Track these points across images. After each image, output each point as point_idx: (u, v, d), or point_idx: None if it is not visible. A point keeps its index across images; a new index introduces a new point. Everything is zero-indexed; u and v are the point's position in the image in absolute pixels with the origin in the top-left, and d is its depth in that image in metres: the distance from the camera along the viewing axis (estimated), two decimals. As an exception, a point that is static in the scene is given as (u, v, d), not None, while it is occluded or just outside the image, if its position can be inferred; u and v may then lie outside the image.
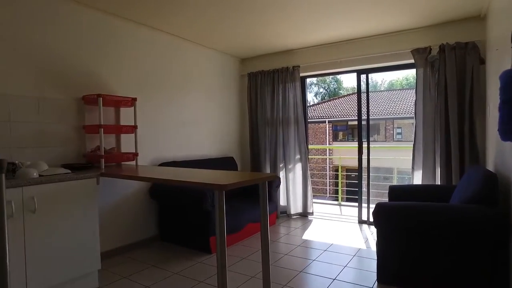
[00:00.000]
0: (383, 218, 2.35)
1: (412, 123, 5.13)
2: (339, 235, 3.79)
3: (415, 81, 3.74)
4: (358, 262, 2.97)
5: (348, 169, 11.52)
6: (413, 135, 3.75)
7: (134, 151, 3.18)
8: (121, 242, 3.26)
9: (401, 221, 2.29)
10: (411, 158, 3.72)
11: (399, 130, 16.10)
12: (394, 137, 15.83)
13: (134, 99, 3.12)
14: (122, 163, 3.24)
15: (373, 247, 3.30)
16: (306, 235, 3.79)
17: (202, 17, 3.34)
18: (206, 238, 3.21)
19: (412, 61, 3.69)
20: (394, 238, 2.35)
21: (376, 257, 2.47)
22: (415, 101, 3.72)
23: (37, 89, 2.68)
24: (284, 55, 4.66)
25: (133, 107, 3.17)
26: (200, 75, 4.29)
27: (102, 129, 2.83)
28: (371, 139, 4.81)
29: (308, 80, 5.14)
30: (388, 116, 15.12)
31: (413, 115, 3.85)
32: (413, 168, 3.71)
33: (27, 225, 2.14)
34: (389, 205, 2.40)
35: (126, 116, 3.34)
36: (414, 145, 3.70)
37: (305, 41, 4.20)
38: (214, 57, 4.53)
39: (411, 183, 3.75)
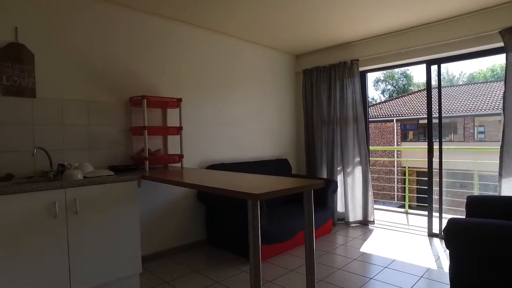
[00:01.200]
0: (457, 239, 1.89)
1: (499, 121, 4.34)
2: (404, 249, 3.30)
3: (503, 71, 3.08)
4: (426, 286, 2.50)
5: (419, 173, 10.43)
6: (500, 135, 3.10)
7: (180, 153, 3.12)
8: (167, 245, 3.22)
9: (483, 245, 1.82)
10: (498, 162, 3.08)
11: (481, 129, 14.12)
12: (475, 137, 13.95)
13: (179, 100, 3.06)
14: (169, 165, 3.20)
15: (446, 269, 2.78)
16: (365, 247, 3.37)
17: (254, 14, 3.16)
18: (252, 246, 3.01)
19: (501, 44, 3.05)
20: (472, 264, 1.88)
21: (449, 283, 2.01)
22: (504, 93, 3.07)
23: (87, 93, 2.74)
24: (341, 48, 4.26)
25: (178, 108, 3.11)
26: (252, 74, 4.12)
27: (146, 130, 2.81)
28: (446, 139, 4.15)
29: (374, 76, 4.69)
30: (467, 113, 13.37)
31: (500, 111, 3.19)
32: (500, 174, 3.06)
33: (70, 226, 2.16)
34: (465, 222, 1.93)
35: (174, 117, 3.30)
36: (502, 146, 3.05)
37: (363, 31, 3.77)
38: (267, 54, 4.32)
39: (497, 193, 3.11)
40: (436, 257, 3.07)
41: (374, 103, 17.69)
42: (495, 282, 1.78)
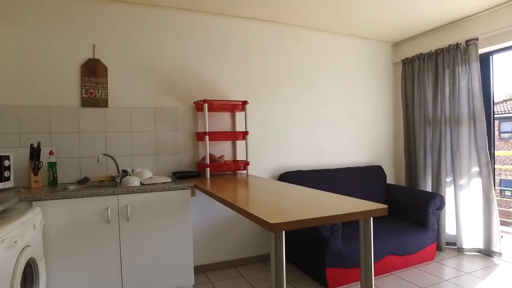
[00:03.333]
0: None
1: None
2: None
3: None
4: None
5: None
6: None
7: (245, 160, 2.94)
8: (230, 257, 3.06)
9: None
10: None
11: None
12: None
13: (245, 102, 2.87)
14: (238, 172, 3.06)
15: None
16: (480, 290, 2.53)
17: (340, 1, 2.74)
18: (322, 269, 2.60)
19: None
20: None
21: None
22: None
23: (154, 99, 2.83)
24: (452, 27, 3.35)
25: (244, 112, 2.93)
26: (338, 68, 3.63)
27: (207, 136, 2.72)
28: None
29: (501, 60, 3.52)
30: None
31: None
32: None
33: (122, 232, 2.22)
34: None
35: (243, 121, 3.15)
36: None
37: (483, 1, 2.84)
38: (357, 45, 3.75)
39: None
40: None
41: (506, 98, 13.56)
42: None
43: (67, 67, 2.57)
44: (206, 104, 2.72)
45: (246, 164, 2.91)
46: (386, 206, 1.52)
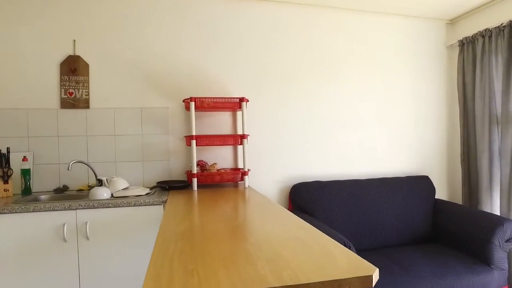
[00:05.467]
0: None
1: None
2: None
3: None
4: None
5: None
6: None
7: (242, 168, 2.46)
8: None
9: None
10: None
11: None
12: None
13: (242, 100, 2.39)
14: (238, 182, 2.59)
15: None
16: None
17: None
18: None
19: None
20: None
21: None
22: None
23: (141, 99, 2.51)
24: (532, -10, 2.45)
25: (241, 111, 2.45)
26: (372, 56, 2.93)
27: (194, 140, 2.31)
28: None
29: None
30: None
31: None
32: None
33: (81, 253, 1.92)
34: None
35: (252, 121, 2.68)
36: None
37: None
38: (399, 25, 2.99)
39: None
40: None
41: None
42: None
43: (45, 65, 2.37)
44: (193, 103, 2.31)
45: (244, 174, 2.42)
46: (370, 273, 0.92)
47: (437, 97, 3.11)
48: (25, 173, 2.24)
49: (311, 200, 2.57)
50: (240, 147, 2.68)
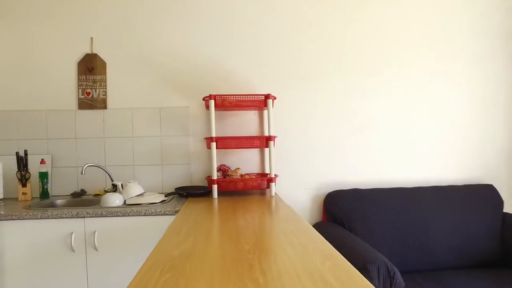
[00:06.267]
0: None
1: None
2: None
3: None
4: None
5: None
6: None
7: (269, 174, 2.18)
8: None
9: None
10: None
11: None
12: None
13: (268, 97, 2.12)
14: (265, 189, 2.33)
15: None
16: None
17: None
18: None
19: None
20: None
21: None
22: None
23: (160, 98, 2.33)
24: None
25: (267, 109, 2.18)
26: (421, 46, 2.50)
27: (214, 143, 2.08)
28: None
29: None
30: None
31: None
32: None
33: (89, 264, 1.76)
34: None
35: (281, 120, 2.40)
36: None
37: None
38: (453, 6, 2.55)
39: None
40: None
41: None
42: None
43: (63, 64, 2.28)
44: (213, 101, 2.08)
45: (270, 180, 2.15)
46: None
47: (505, 89, 2.59)
48: (43, 176, 2.15)
49: (348, 211, 2.23)
50: (267, 150, 2.41)
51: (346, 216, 2.22)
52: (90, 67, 2.27)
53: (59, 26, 2.28)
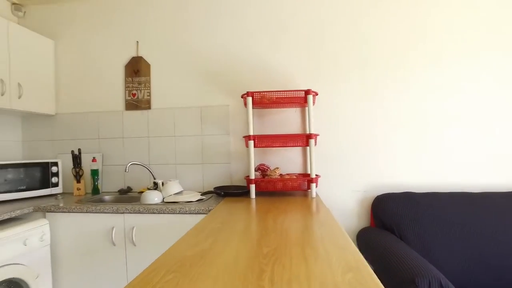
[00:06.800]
0: None
1: None
2: None
3: None
4: None
5: None
6: None
7: (310, 174, 2.05)
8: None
9: None
10: None
11: None
12: None
13: (308, 93, 1.99)
14: (308, 190, 2.20)
15: None
16: None
17: None
18: None
19: None
20: None
21: None
22: None
23: (200, 97, 2.34)
24: None
25: (307, 106, 2.05)
26: (495, 25, 2.18)
27: (252, 141, 2.01)
28: None
29: None
30: None
31: None
32: None
33: (129, 258, 1.82)
34: None
35: (322, 119, 2.27)
36: None
37: None
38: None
39: None
40: None
41: None
42: None
43: (113, 69, 2.41)
44: (250, 98, 2.02)
45: (310, 181, 2.02)
46: None
47: None
48: (94, 173, 2.29)
49: (399, 217, 2.00)
50: (314, 149, 2.28)
51: (396, 222, 1.99)
52: (136, 69, 2.37)
53: (110, 33, 2.41)
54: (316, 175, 2.12)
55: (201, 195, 2.05)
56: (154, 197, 1.95)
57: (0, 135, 2.35)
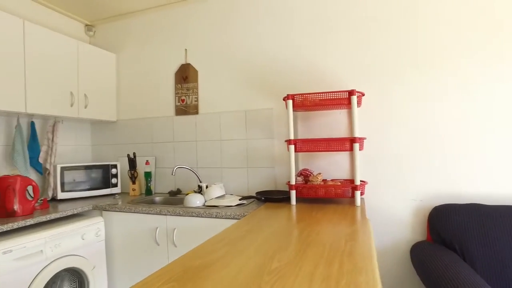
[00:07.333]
0: None
1: None
2: None
3: None
4: None
5: None
6: None
7: (354, 180, 1.90)
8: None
9: None
10: None
11: None
12: None
13: (351, 93, 1.85)
14: (351, 198, 2.05)
15: None
16: None
17: None
18: None
19: None
20: None
21: None
22: None
23: (245, 100, 2.34)
24: None
25: (351, 107, 1.90)
26: None
27: (293, 146, 1.95)
28: None
29: None
30: None
31: None
32: None
33: (171, 259, 1.90)
34: None
35: (371, 121, 2.10)
36: None
37: None
38: None
39: None
40: None
41: None
42: None
43: (164, 76, 2.56)
44: (291, 101, 1.95)
45: (354, 188, 1.87)
46: None
47: None
48: (147, 175, 2.45)
49: (461, 232, 1.74)
50: (358, 153, 2.12)
51: (459, 238, 1.74)
52: (184, 76, 2.47)
53: (162, 43, 2.57)
54: (362, 181, 1.97)
55: (242, 199, 2.05)
56: (196, 200, 2.01)
57: (74, 140, 2.67)
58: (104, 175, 2.42)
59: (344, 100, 1.91)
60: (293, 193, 1.95)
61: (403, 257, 2.00)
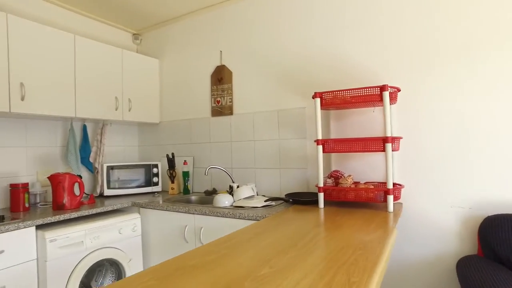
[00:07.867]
0: None
1: None
2: None
3: None
4: None
5: None
6: None
7: (386, 184, 1.74)
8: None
9: None
10: None
11: None
12: None
13: (383, 89, 1.70)
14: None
15: None
16: None
17: None
18: None
19: None
20: None
21: None
22: None
23: (277, 100, 2.30)
24: None
25: (383, 104, 1.75)
26: None
27: (321, 146, 1.86)
28: None
29: None
30: None
31: None
32: None
33: (198, 257, 1.95)
34: None
35: (411, 118, 1.91)
36: None
37: None
38: None
39: None
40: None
41: None
42: None
43: (201, 78, 2.63)
44: (318, 99, 1.86)
45: (387, 192, 1.71)
46: None
47: None
48: (185, 175, 2.55)
49: (518, 248, 1.49)
50: (391, 154, 1.95)
51: (514, 254, 1.49)
52: (220, 77, 2.51)
53: (199, 46, 2.65)
54: (398, 185, 1.80)
55: (268, 200, 2.01)
56: (225, 200, 2.03)
57: (123, 141, 2.88)
58: (146, 174, 2.58)
59: (376, 96, 1.76)
60: (320, 196, 1.86)
61: (448, 272, 1.78)
